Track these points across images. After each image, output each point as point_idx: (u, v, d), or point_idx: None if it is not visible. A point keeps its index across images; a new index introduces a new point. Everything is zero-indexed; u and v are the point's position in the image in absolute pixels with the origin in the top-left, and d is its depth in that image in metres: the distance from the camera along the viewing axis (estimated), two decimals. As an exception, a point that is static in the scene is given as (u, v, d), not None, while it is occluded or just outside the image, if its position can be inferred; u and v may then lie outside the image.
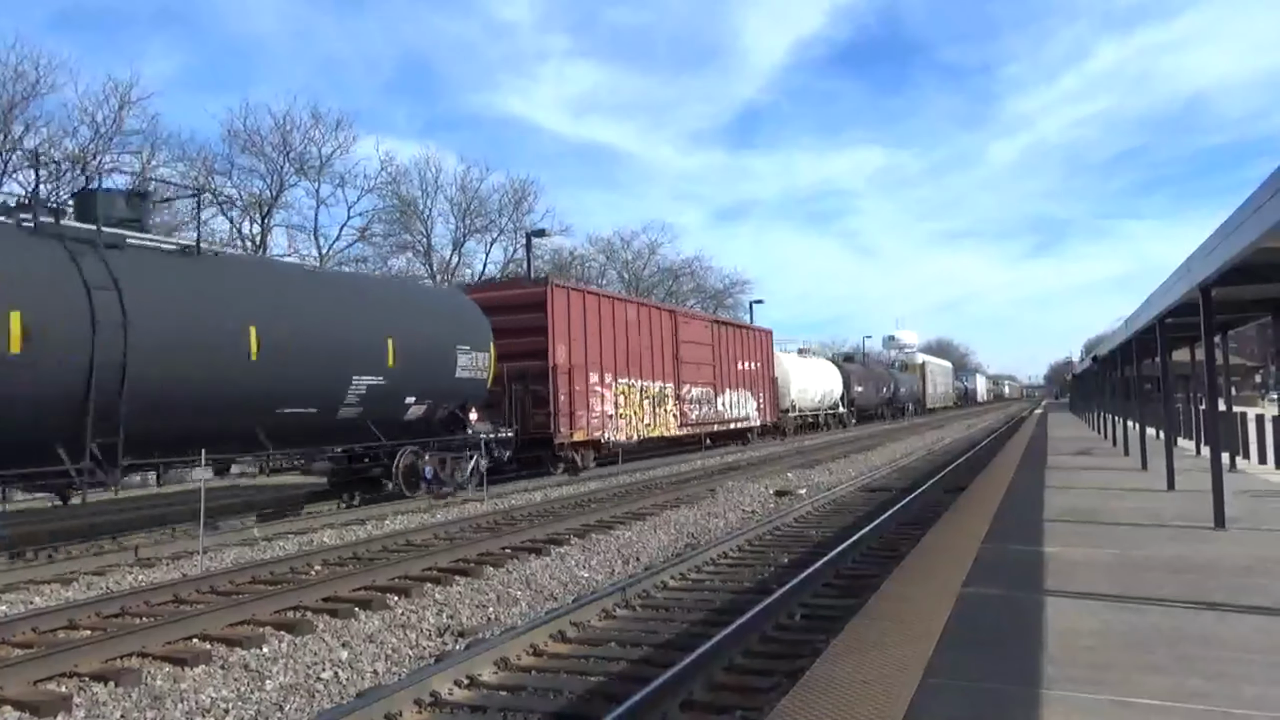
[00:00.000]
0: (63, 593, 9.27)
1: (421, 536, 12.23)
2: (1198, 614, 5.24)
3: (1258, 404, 36.66)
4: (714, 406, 28.30)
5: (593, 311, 21.85)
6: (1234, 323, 14.06)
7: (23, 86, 28.30)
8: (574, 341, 20.62)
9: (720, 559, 10.12)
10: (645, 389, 23.92)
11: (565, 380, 20.00)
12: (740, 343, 31.63)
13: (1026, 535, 8.19)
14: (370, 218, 39.92)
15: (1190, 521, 8.76)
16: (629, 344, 23.23)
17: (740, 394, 30.88)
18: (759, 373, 33.10)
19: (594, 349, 21.50)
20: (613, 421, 22.07)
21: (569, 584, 9.26)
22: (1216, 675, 4.09)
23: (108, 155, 30.32)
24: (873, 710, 3.72)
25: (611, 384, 22.20)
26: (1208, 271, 7.83)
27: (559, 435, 19.77)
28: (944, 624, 5.01)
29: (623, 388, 22.71)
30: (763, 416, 33.23)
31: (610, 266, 56.15)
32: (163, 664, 6.53)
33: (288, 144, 36.47)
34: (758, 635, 6.76)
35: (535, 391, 19.38)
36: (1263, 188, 5.83)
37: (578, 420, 20.38)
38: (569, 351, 20.24)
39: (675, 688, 5.39)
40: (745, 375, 31.54)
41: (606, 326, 22.29)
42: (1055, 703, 3.76)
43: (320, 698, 5.92)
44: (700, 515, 14.07)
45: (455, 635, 7.32)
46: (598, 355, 21.66)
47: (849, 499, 15.86)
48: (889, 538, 11.00)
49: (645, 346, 24.16)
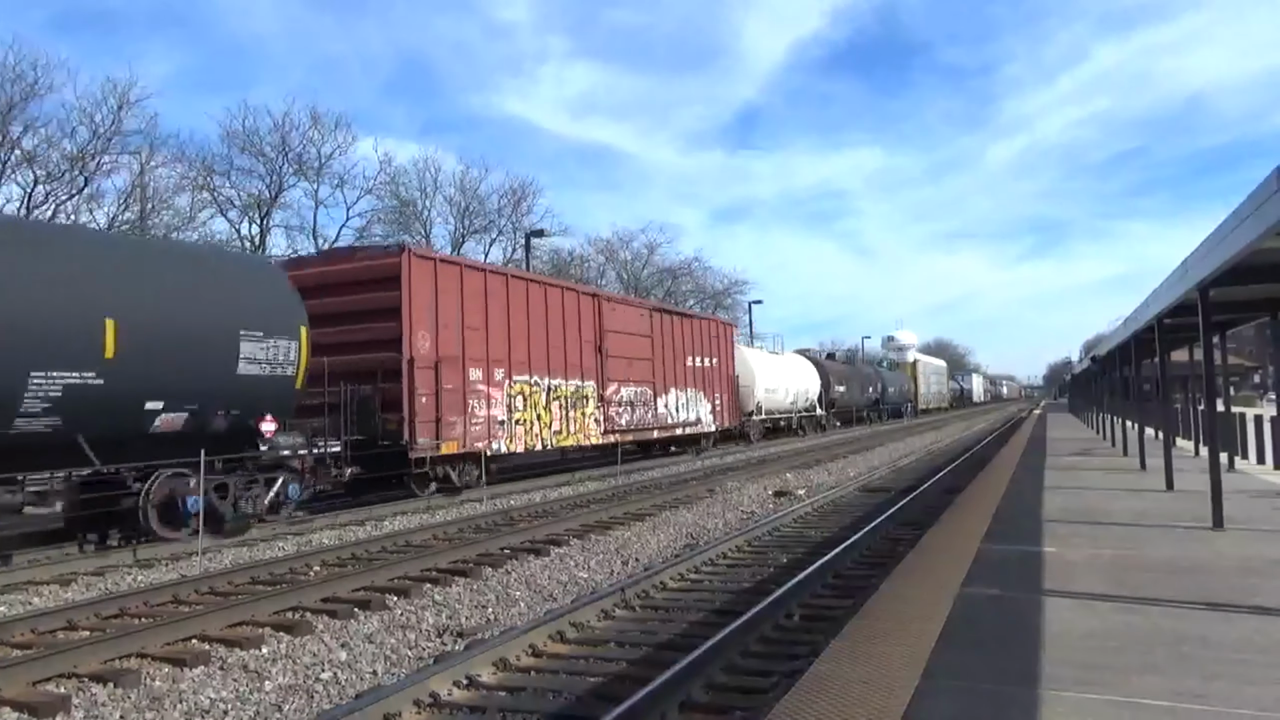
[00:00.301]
0: (61, 594, 9.27)
1: (421, 537, 12.23)
2: (1196, 614, 5.24)
3: (1256, 404, 36.71)
4: (653, 409, 24.12)
5: (474, 291, 17.38)
6: (1232, 323, 14.06)
7: (21, 87, 28.26)
8: (444, 328, 16.30)
9: (719, 559, 10.12)
10: (555, 389, 19.73)
11: (428, 377, 15.84)
12: (691, 335, 27.07)
13: (1025, 535, 8.20)
14: (369, 218, 39.94)
15: (1189, 522, 8.77)
16: (530, 333, 18.93)
17: (690, 395, 26.71)
18: (716, 370, 28.78)
19: (476, 338, 17.17)
20: (505, 428, 17.85)
21: (568, 584, 9.26)
22: (1215, 675, 4.10)
23: (106, 156, 30.34)
24: (871, 710, 3.72)
25: (504, 382, 17.94)
26: (1206, 272, 7.84)
27: (417, 447, 15.44)
28: (943, 624, 5.02)
29: (520, 386, 18.45)
30: (720, 420, 29.01)
31: (609, 267, 56.20)
32: (162, 665, 6.53)
33: (286, 144, 36.46)
34: (756, 636, 6.76)
35: (387, 392, 15.27)
36: (1261, 188, 5.84)
37: (449, 428, 16.13)
38: (435, 341, 16.03)
39: (674, 688, 5.39)
40: (698, 373, 27.30)
41: (497, 311, 17.95)
42: (1054, 703, 3.77)
43: (319, 698, 5.91)
44: (699, 516, 14.08)
45: (454, 636, 7.32)
46: (482, 346, 17.37)
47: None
48: (890, 536, 11.01)
49: (556, 337, 19.90)
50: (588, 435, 21.10)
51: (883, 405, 57.79)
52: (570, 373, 20.41)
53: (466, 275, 17.37)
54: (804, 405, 40.25)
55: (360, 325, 15.61)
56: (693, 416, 26.85)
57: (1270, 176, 5.58)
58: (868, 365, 62.84)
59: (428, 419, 15.69)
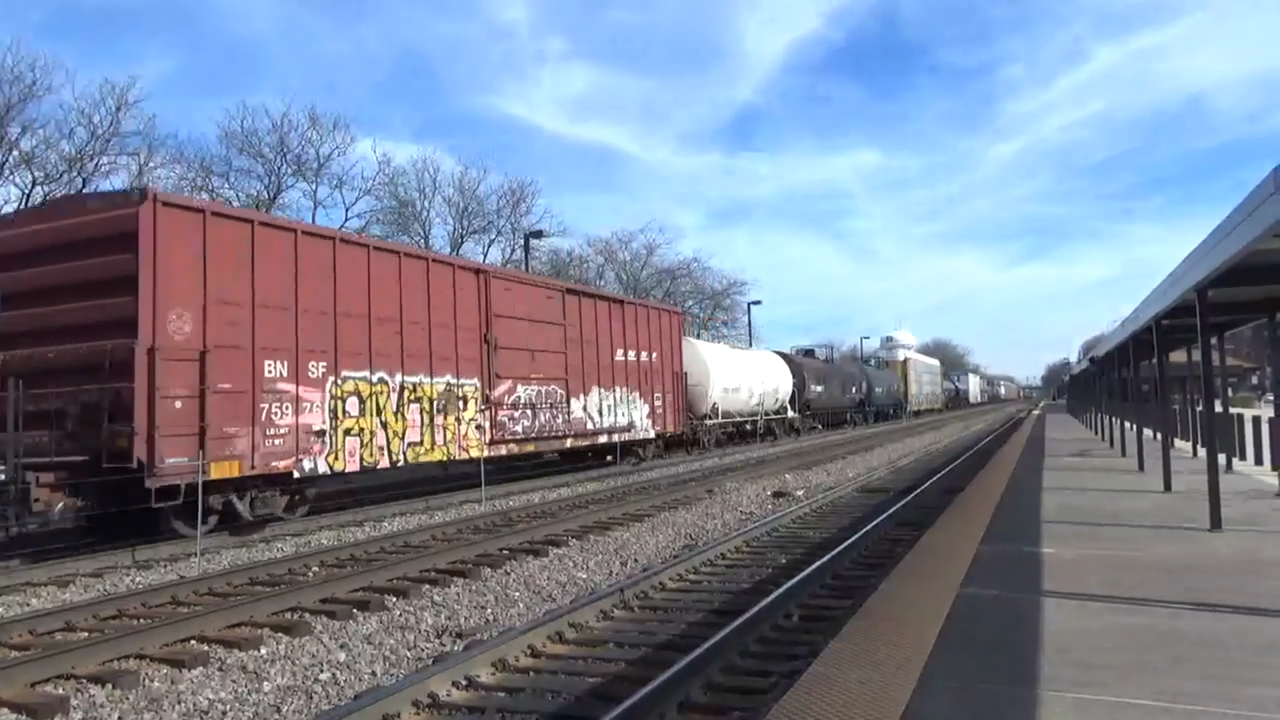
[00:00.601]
0: (60, 595, 9.27)
1: (419, 538, 12.23)
2: (1194, 615, 5.25)
3: (1254, 405, 36.75)
4: (564, 413, 19.42)
5: (278, 259, 12.74)
6: (1230, 324, 14.09)
7: (19, 89, 28.30)
8: (221, 306, 11.80)
9: (718, 560, 10.13)
10: (414, 388, 14.97)
11: (185, 373, 11.26)
12: (623, 325, 22.51)
13: (1024, 535, 8.20)
14: (368, 219, 39.96)
15: (1187, 522, 8.78)
16: (375, 316, 14.20)
17: (621, 395, 22.09)
18: (658, 367, 24.14)
19: (279, 321, 12.64)
20: (327, 441, 13.27)
21: (567, 585, 9.26)
22: (1213, 676, 4.11)
23: (105, 157, 30.34)
24: (870, 711, 3.73)
25: (326, 380, 13.29)
26: (1204, 273, 7.85)
27: (161, 470, 10.76)
28: (942, 624, 5.03)
29: (354, 385, 13.75)
30: (662, 425, 24.34)
31: (608, 268, 56.23)
32: (160, 666, 6.53)
33: (285, 145, 36.52)
34: (755, 636, 6.77)
35: (120, 395, 10.81)
36: (1258, 189, 5.85)
37: (224, 443, 11.65)
38: (203, 323, 11.55)
39: (673, 688, 5.40)
40: (632, 370, 22.73)
41: (319, 287, 13.30)
42: (1052, 703, 3.77)
43: (318, 699, 5.91)
44: (698, 516, 14.08)
45: (453, 636, 7.32)
46: (289, 332, 12.77)
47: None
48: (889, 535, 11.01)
49: (417, 322, 15.19)
50: (465, 445, 16.19)
51: (869, 407, 53.66)
52: (439, 368, 15.63)
53: (263, 237, 12.55)
54: (773, 406, 35.91)
55: (90, 302, 11.25)
56: (623, 421, 22.14)
57: (1268, 178, 5.59)
58: (852, 364, 58.22)
59: (182, 430, 11.07)
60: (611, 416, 21.63)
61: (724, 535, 11.94)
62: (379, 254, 14.80)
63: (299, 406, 12.89)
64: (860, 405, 51.76)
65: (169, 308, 11.24)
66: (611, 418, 21.63)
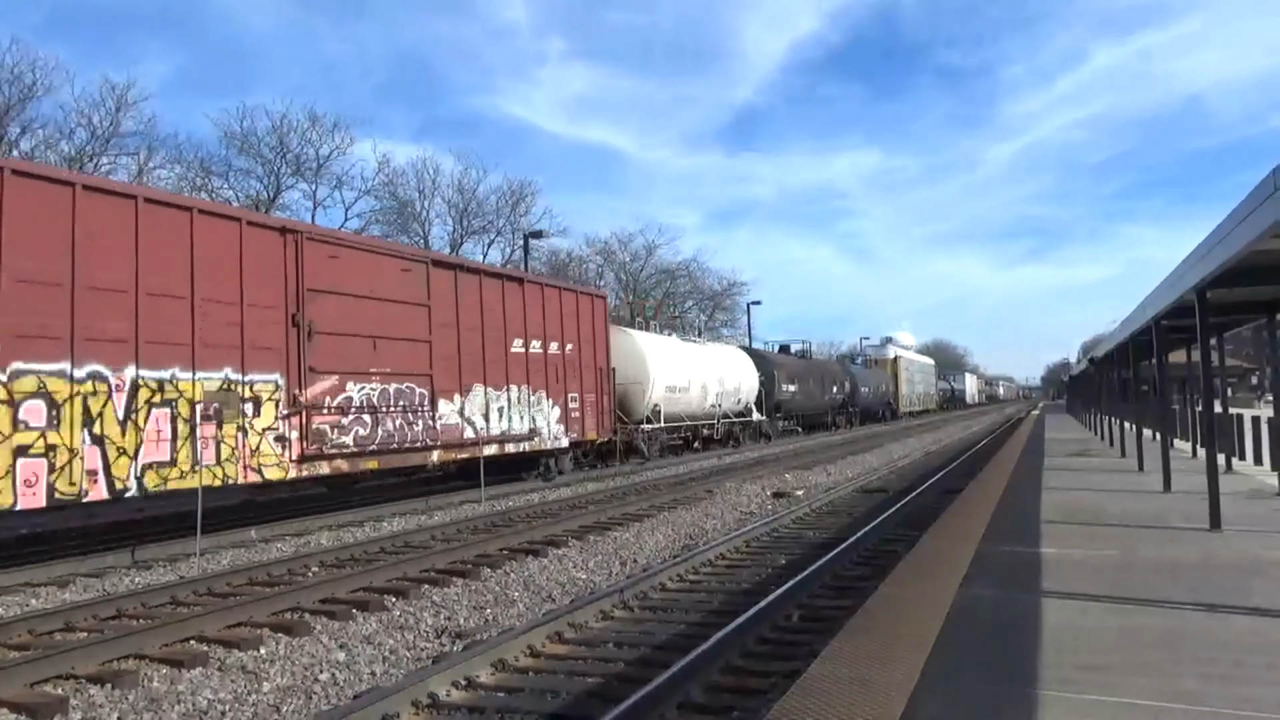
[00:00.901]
0: (59, 595, 9.27)
1: (419, 538, 12.23)
2: (1193, 615, 5.25)
3: (1254, 405, 36.76)
4: (428, 417, 15.24)
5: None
6: (1230, 325, 14.10)
7: (19, 89, 28.34)
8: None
9: (718, 560, 10.13)
10: (161, 386, 10.87)
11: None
12: (521, 307, 17.98)
13: (1024, 536, 8.21)
14: (367, 219, 40.00)
15: (1186, 522, 8.79)
16: (80, 280, 10.09)
17: (519, 395, 17.76)
18: (574, 360, 19.89)
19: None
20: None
21: (566, 585, 9.26)
22: (1212, 676, 4.11)
23: (104, 158, 30.38)
24: (870, 711, 3.73)
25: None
26: (1203, 273, 7.85)
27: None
28: (941, 625, 5.03)
29: (35, 383, 9.62)
30: (580, 430, 20.04)
31: (608, 268, 56.27)
32: (160, 666, 6.53)
33: (285, 146, 36.61)
34: (755, 636, 6.77)
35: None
36: (1258, 189, 5.86)
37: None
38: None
39: (672, 689, 5.40)
40: (536, 364, 18.45)
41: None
42: (1051, 703, 3.77)
43: (317, 699, 5.91)
44: (697, 517, 14.08)
45: (453, 637, 7.32)
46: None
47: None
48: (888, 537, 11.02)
49: (169, 293, 11.08)
50: (253, 463, 12.05)
51: (853, 407, 49.98)
52: (211, 359, 11.52)
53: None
54: (734, 408, 31.83)
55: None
56: (521, 426, 17.81)
57: (1267, 178, 5.60)
58: (834, 361, 54.00)
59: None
60: (504, 422, 17.22)
61: (724, 535, 11.94)
62: (99, 198, 10.53)
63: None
64: (843, 406, 48.43)
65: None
66: (504, 423, 17.22)
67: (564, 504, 15.98)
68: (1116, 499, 10.98)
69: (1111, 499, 10.99)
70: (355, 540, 12.24)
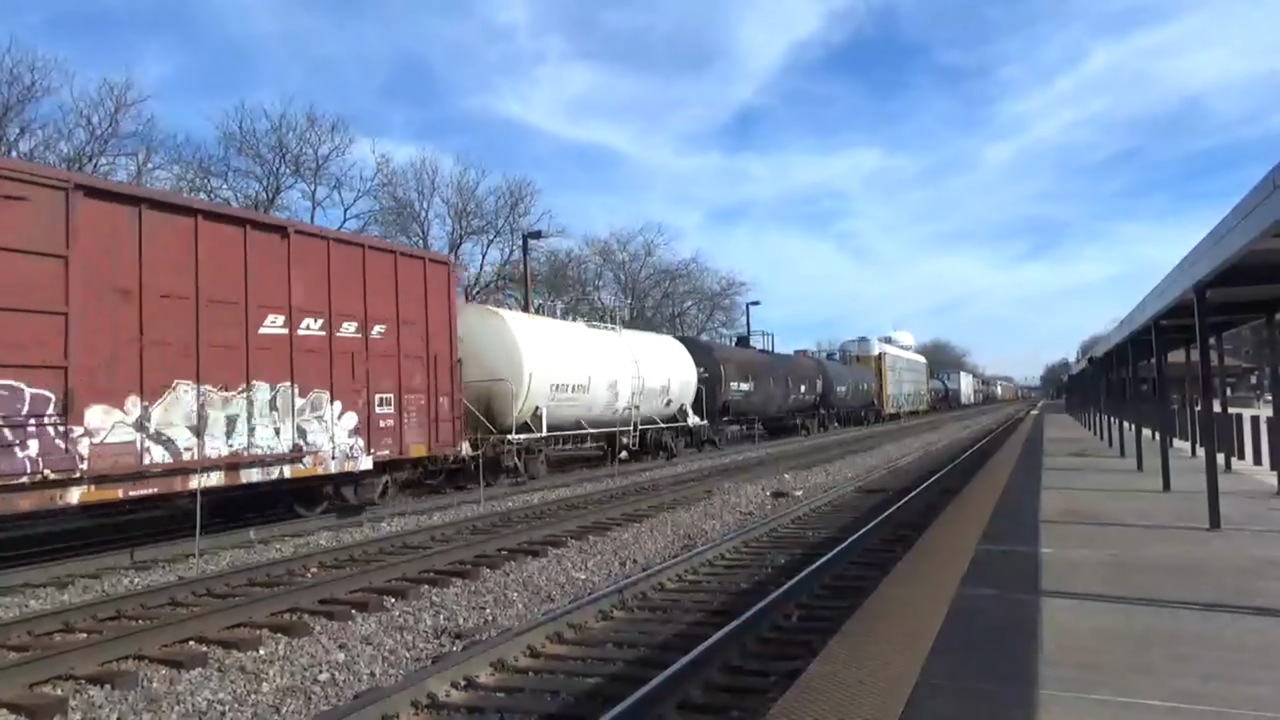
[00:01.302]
0: (59, 596, 9.25)
1: (418, 539, 12.22)
2: (1193, 614, 5.25)
3: (1253, 405, 36.78)
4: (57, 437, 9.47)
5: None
6: (1229, 324, 14.10)
7: (18, 90, 28.30)
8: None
9: (717, 560, 10.12)
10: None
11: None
12: (284, 268, 12.56)
13: (1023, 536, 8.21)
14: (366, 219, 39.97)
15: (1185, 522, 8.79)
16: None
17: (269, 396, 12.16)
18: (390, 347, 14.37)
19: None
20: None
21: (566, 585, 9.26)
22: (1211, 676, 4.11)
23: (103, 158, 30.35)
24: (870, 711, 3.72)
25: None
26: (1203, 273, 7.86)
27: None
28: (940, 624, 5.03)
29: None
30: (398, 446, 14.46)
31: (607, 268, 56.24)
32: (159, 666, 6.53)
33: (284, 146, 36.55)
34: (754, 636, 6.77)
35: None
36: (1257, 189, 5.86)
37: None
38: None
39: (672, 689, 5.40)
40: (315, 351, 13.00)
41: None
42: (1051, 703, 3.77)
43: (317, 700, 5.91)
44: (697, 517, 14.07)
45: (452, 637, 7.31)
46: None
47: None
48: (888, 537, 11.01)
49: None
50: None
51: (826, 409, 44.35)
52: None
53: None
54: (662, 411, 25.62)
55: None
56: (278, 443, 12.27)
57: (1266, 177, 5.60)
58: (804, 356, 47.03)
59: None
60: (238, 437, 11.70)
61: (723, 535, 11.94)
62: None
63: None
64: (814, 408, 42.65)
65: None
66: (238, 439, 11.69)
67: (563, 504, 15.96)
68: (1116, 499, 10.98)
69: (1111, 499, 10.99)
70: (354, 540, 12.22)
